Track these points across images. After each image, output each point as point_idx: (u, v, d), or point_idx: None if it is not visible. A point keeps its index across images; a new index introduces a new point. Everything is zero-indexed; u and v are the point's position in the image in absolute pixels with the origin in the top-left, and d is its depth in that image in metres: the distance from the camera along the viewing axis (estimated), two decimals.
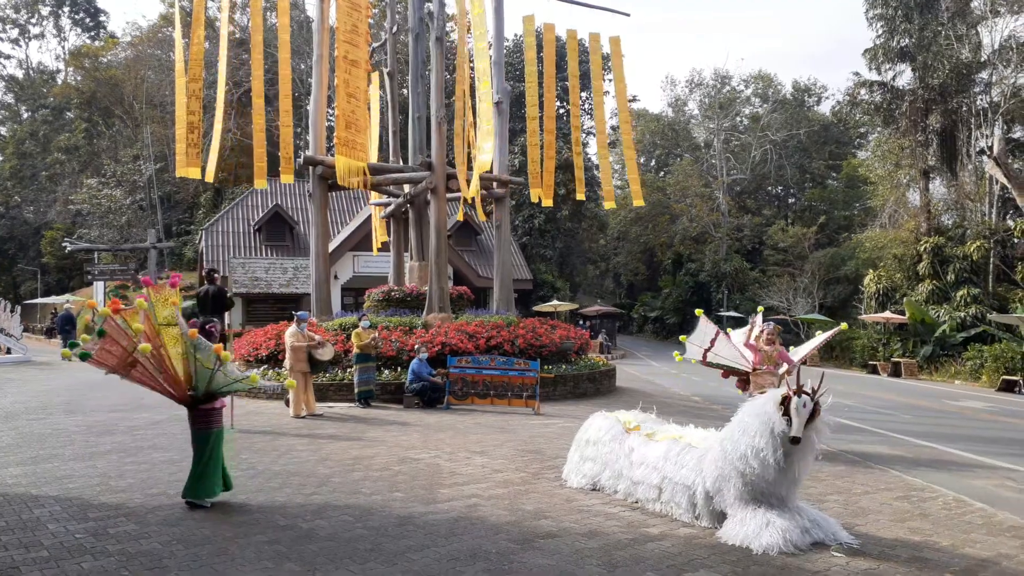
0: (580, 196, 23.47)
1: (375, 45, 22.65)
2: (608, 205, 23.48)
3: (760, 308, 11.13)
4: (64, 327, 26.83)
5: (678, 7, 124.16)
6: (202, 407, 6.67)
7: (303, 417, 11.95)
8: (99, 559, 5.18)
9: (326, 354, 12.27)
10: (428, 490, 7.34)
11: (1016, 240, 30.99)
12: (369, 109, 18.65)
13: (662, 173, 64.10)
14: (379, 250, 23.59)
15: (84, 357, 5.98)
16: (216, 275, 13.00)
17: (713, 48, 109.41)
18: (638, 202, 22.18)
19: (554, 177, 21.92)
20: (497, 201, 20.23)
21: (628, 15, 21.44)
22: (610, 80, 41.04)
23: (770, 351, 9.62)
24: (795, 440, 5.65)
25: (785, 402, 5.77)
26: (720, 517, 6.10)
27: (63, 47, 67.53)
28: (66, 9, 66.68)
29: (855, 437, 12.21)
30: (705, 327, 9.53)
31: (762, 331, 9.82)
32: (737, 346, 9.86)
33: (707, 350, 9.50)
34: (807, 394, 5.76)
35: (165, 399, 6.79)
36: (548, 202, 22.09)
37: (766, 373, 9.61)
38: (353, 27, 15.39)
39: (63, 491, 7.05)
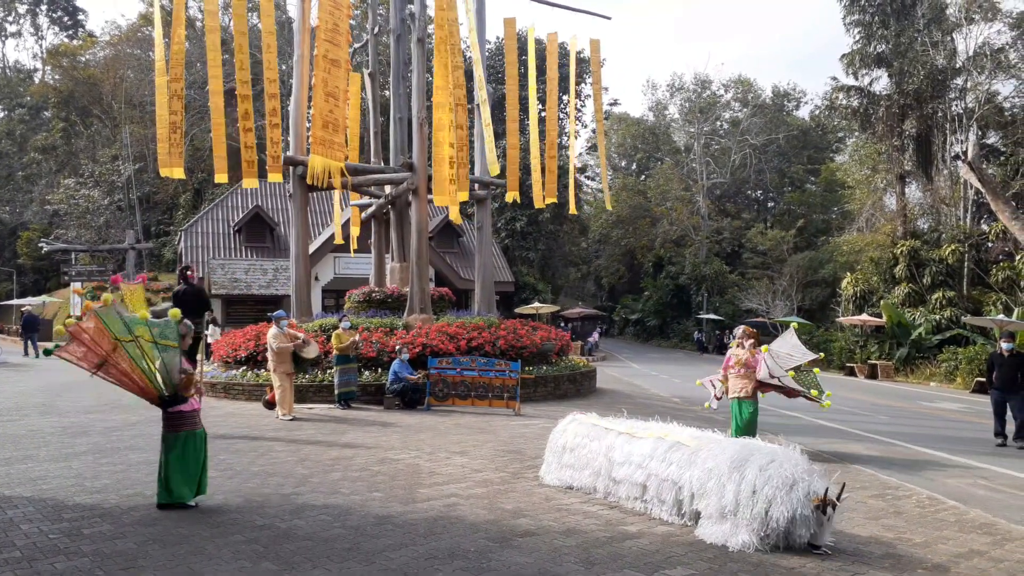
0: (572, 210, 23.73)
1: (356, 46, 22.63)
2: (573, 211, 23.84)
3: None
4: (29, 328, 26.84)
5: (660, 9, 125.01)
6: (171, 409, 6.63)
7: (291, 419, 11.82)
8: (73, 559, 5.13)
9: (311, 352, 12.20)
10: (407, 490, 7.33)
11: (990, 244, 31.45)
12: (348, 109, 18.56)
13: (643, 177, 64.39)
14: (347, 244, 23.56)
15: (47, 353, 6.02)
16: (191, 273, 12.59)
17: (694, 52, 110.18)
18: (608, 206, 22.30)
19: (556, 177, 22.05)
20: (479, 203, 20.25)
21: (609, 18, 21.57)
22: (589, 83, 41.21)
23: (742, 354, 9.66)
24: (814, 547, 5.59)
25: (823, 505, 5.56)
26: (698, 515, 6.13)
27: (40, 46, 66.79)
28: (44, 7, 65.91)
29: (832, 437, 12.35)
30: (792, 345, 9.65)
31: (741, 337, 9.87)
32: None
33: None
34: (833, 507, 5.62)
35: (141, 400, 6.76)
36: (551, 199, 22.20)
37: (736, 377, 9.65)
38: (334, 26, 15.31)
39: (37, 492, 6.98)
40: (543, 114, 27.68)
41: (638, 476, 6.69)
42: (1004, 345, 12.13)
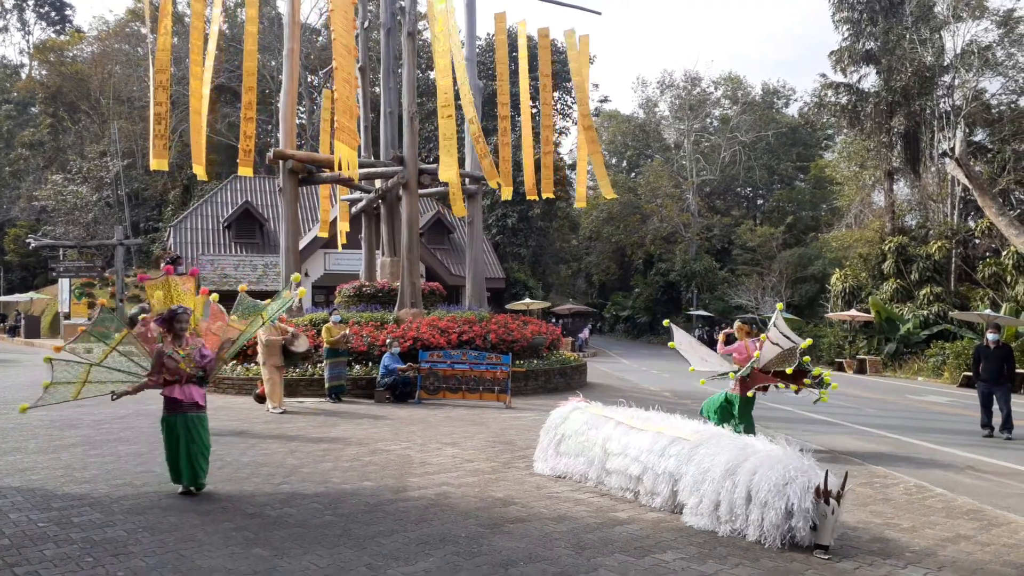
0: (548, 193, 23.09)
1: None
2: (579, 204, 23.57)
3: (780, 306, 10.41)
4: None
5: (651, 6, 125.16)
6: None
7: (281, 412, 11.78)
8: (62, 546, 5.11)
9: (301, 345, 12.18)
10: (398, 479, 7.33)
11: (977, 240, 31.70)
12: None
13: (633, 174, 64.49)
14: (335, 239, 23.52)
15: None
16: (180, 266, 12.56)
17: (685, 48, 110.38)
18: (610, 195, 22.06)
19: (552, 172, 21.98)
20: (470, 198, 20.23)
21: (599, 13, 21.57)
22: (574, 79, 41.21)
23: (750, 344, 9.63)
24: (824, 548, 5.29)
25: (823, 495, 5.29)
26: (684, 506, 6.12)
27: (27, 41, 66.25)
28: (31, 2, 65.37)
29: (821, 429, 12.42)
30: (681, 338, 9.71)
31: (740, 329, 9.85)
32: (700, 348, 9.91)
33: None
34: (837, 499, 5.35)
35: (128, 396, 6.92)
36: (548, 193, 22.14)
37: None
38: (344, 12, 15.18)
39: (26, 482, 6.94)
40: (534, 109, 27.56)
41: (634, 469, 6.62)
42: (990, 337, 12.22)
